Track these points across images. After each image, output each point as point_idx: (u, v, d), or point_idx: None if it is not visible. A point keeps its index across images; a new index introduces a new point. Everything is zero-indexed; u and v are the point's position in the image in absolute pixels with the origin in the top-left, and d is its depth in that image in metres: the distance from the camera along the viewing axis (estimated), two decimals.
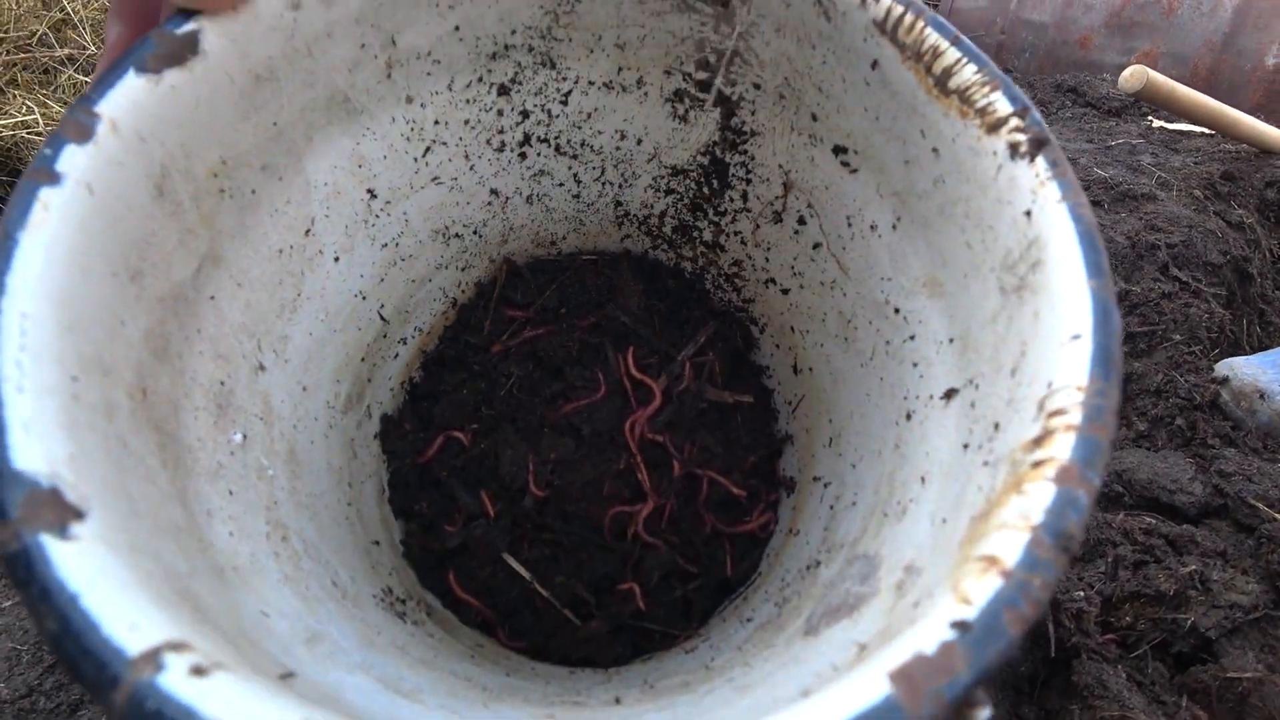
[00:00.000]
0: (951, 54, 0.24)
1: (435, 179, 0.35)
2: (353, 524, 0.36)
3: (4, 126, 0.95)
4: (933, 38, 0.24)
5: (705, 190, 0.38)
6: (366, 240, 0.35)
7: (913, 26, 0.24)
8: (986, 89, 0.23)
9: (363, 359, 0.38)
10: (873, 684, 0.14)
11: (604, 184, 0.39)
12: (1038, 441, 0.18)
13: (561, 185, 0.39)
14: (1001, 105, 0.23)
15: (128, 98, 0.21)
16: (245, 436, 0.29)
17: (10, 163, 0.95)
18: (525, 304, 0.43)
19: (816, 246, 0.36)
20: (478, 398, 0.43)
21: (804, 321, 0.39)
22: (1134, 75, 1.11)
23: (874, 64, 0.26)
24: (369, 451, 0.40)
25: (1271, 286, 0.99)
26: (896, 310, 0.32)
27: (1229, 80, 0.90)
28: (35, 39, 1.12)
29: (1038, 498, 0.16)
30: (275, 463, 0.31)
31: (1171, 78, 1.20)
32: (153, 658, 0.14)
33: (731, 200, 0.38)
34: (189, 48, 0.23)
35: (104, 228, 0.21)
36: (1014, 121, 0.22)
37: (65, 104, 1.04)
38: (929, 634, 0.15)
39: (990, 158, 0.23)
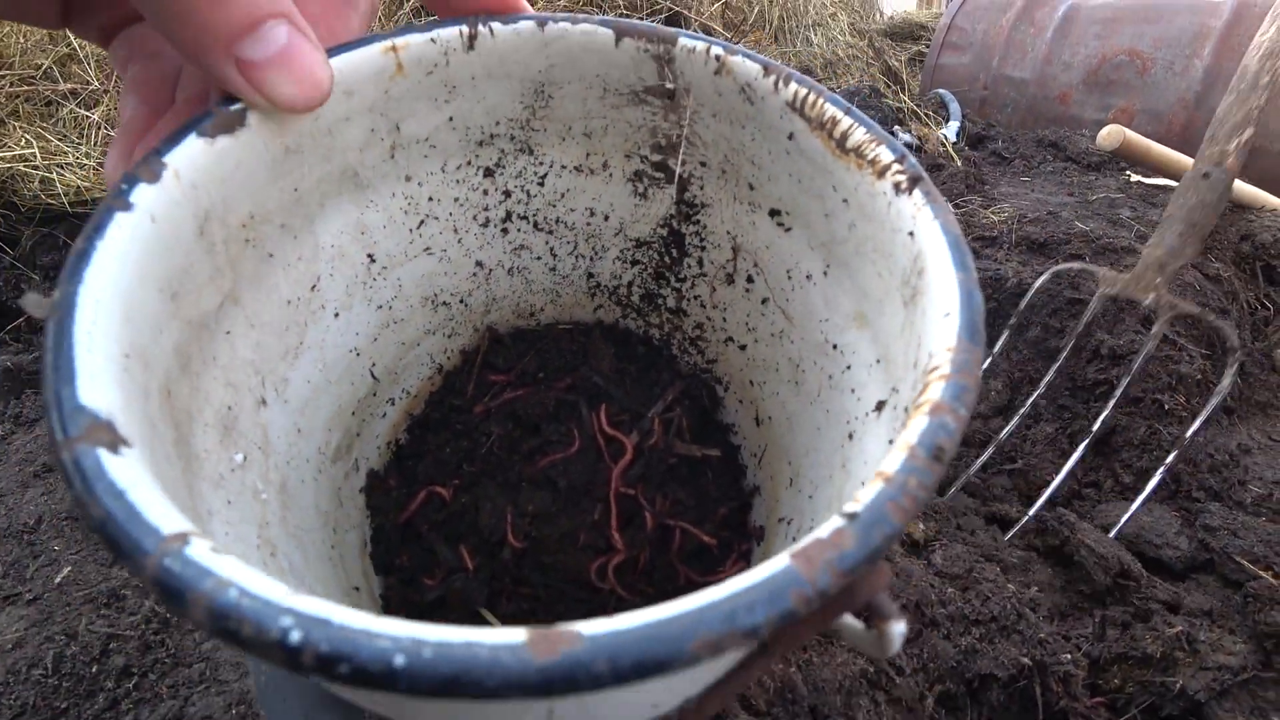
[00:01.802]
0: (846, 121, 0.30)
1: (427, 249, 0.41)
2: (335, 565, 0.38)
3: (1, 159, 0.95)
4: (831, 110, 0.30)
5: (666, 259, 0.43)
6: (364, 301, 0.39)
7: (815, 103, 0.30)
8: (874, 144, 0.29)
9: (353, 413, 0.42)
10: (777, 563, 0.17)
11: (577, 257, 0.44)
12: (919, 394, 0.22)
13: (539, 259, 0.44)
14: (885, 155, 0.28)
15: (188, 154, 0.26)
16: (245, 458, 0.32)
17: (4, 194, 0.95)
18: (506, 369, 0.47)
19: (765, 301, 0.41)
20: (460, 456, 0.45)
21: (761, 373, 0.43)
22: (1111, 134, 1.19)
23: (790, 136, 0.32)
24: (354, 504, 0.42)
25: (1250, 337, 1.02)
26: (835, 346, 0.36)
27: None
28: (40, 72, 1.12)
29: (915, 428, 0.20)
30: (269, 490, 0.33)
31: (1147, 134, 1.29)
32: (181, 537, 0.16)
33: (689, 267, 0.43)
34: (239, 121, 0.28)
35: (158, 251, 0.25)
36: (895, 166, 0.28)
37: (64, 137, 1.05)
38: (827, 527, 0.18)
39: (882, 197, 0.28)
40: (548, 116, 0.37)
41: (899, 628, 0.21)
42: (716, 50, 0.32)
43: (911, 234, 0.27)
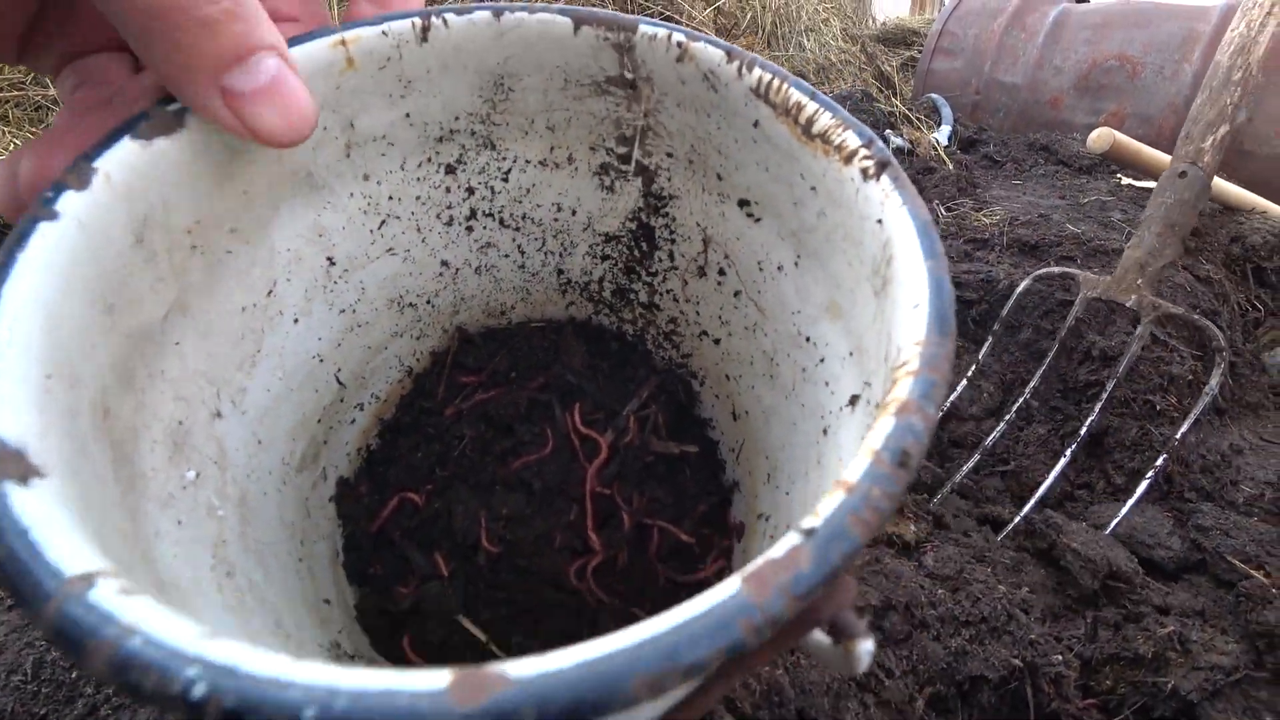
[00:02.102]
0: (811, 106, 0.29)
1: (390, 250, 0.39)
2: (303, 578, 0.37)
3: None
4: (796, 95, 0.29)
5: (637, 253, 0.42)
6: (325, 305, 0.38)
7: (779, 89, 0.29)
8: (840, 129, 0.28)
9: (319, 420, 0.40)
10: (727, 587, 0.16)
11: (546, 254, 0.43)
12: (887, 392, 0.21)
13: (507, 256, 0.43)
14: (852, 140, 0.27)
15: (121, 157, 0.25)
16: (198, 475, 0.30)
17: None
18: (477, 369, 0.46)
19: (737, 294, 0.40)
20: (432, 460, 0.44)
21: (736, 367, 0.42)
22: (1101, 137, 1.20)
23: (756, 123, 0.31)
24: (324, 514, 0.41)
25: (1241, 339, 1.02)
26: (808, 339, 0.35)
27: None
28: (30, 77, 1.10)
29: (881, 430, 0.19)
30: (226, 505, 0.32)
31: (1137, 137, 1.29)
32: (87, 579, 0.15)
33: (660, 261, 0.42)
34: (177, 123, 0.27)
35: (88, 261, 0.24)
36: (863, 151, 0.27)
37: None
38: (782, 545, 0.17)
39: (850, 183, 0.28)
40: (508, 110, 0.36)
41: (866, 646, 0.20)
42: (678, 37, 0.31)
43: (880, 221, 0.26)
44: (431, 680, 0.14)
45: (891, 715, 0.48)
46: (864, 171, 0.27)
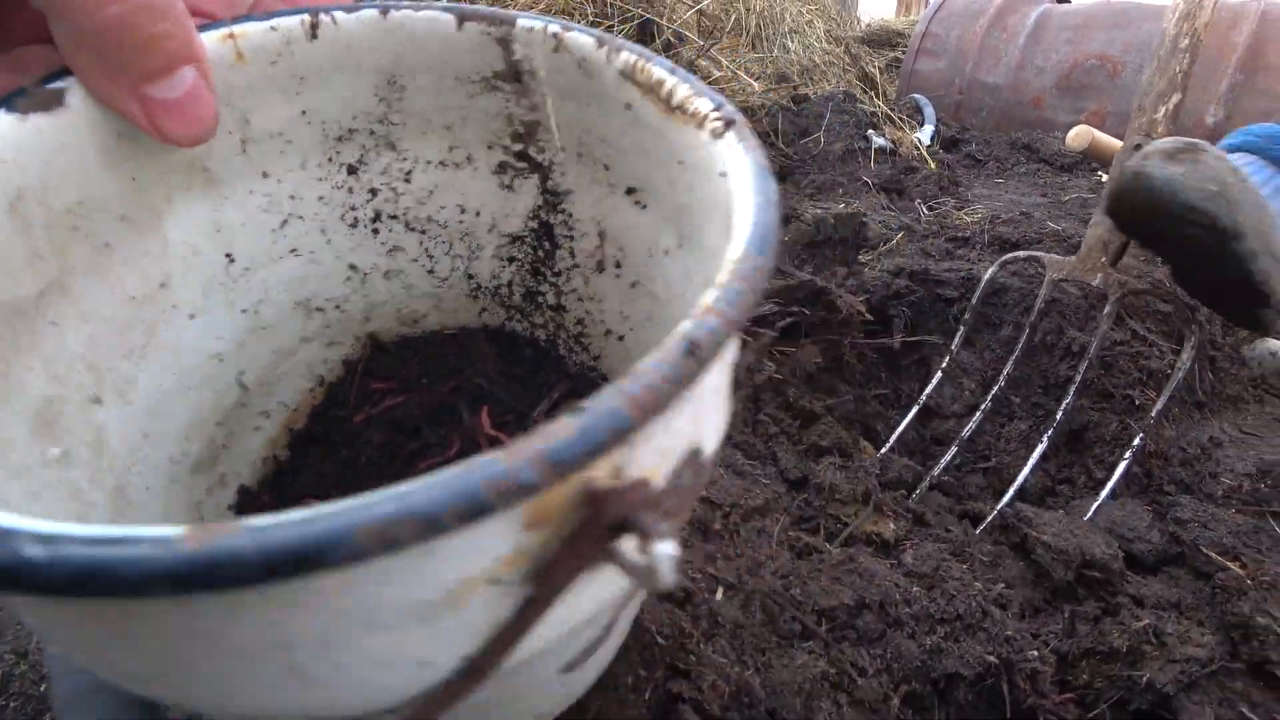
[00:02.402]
0: (670, 80, 0.31)
1: (294, 250, 0.40)
2: None
3: None
4: (658, 73, 0.31)
5: (540, 253, 0.43)
6: (225, 303, 0.38)
7: (643, 69, 0.31)
8: (695, 98, 0.30)
9: (218, 423, 0.40)
10: (484, 456, 0.15)
11: (454, 258, 0.44)
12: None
13: (415, 261, 0.44)
14: (705, 105, 0.29)
15: None
16: (65, 453, 0.30)
17: None
18: (388, 376, 0.46)
19: (634, 285, 0.41)
20: (340, 467, 0.44)
21: None
22: (1079, 135, 1.22)
23: (628, 105, 0.33)
24: (219, 521, 0.40)
25: (1220, 333, 1.03)
26: None
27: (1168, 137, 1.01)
28: None
29: (677, 332, 0.19)
30: (98, 492, 0.31)
31: (1119, 136, 1.33)
32: None
33: (563, 259, 0.43)
34: (56, 100, 0.28)
35: None
36: (713, 114, 0.29)
37: None
38: (554, 425, 0.16)
39: (704, 147, 0.29)
40: (404, 109, 0.38)
41: (663, 548, 0.19)
42: (553, 28, 0.33)
43: (724, 174, 0.27)
44: (168, 530, 0.13)
45: (865, 714, 0.46)
46: (713, 132, 0.28)
